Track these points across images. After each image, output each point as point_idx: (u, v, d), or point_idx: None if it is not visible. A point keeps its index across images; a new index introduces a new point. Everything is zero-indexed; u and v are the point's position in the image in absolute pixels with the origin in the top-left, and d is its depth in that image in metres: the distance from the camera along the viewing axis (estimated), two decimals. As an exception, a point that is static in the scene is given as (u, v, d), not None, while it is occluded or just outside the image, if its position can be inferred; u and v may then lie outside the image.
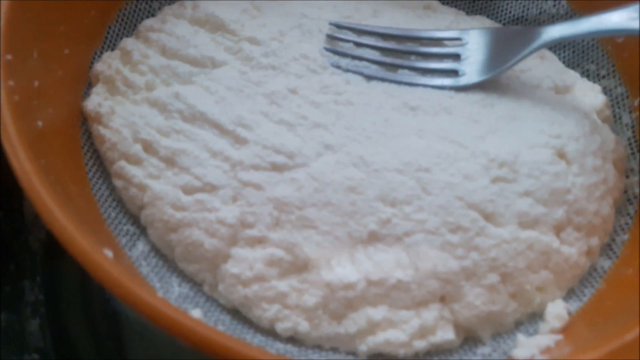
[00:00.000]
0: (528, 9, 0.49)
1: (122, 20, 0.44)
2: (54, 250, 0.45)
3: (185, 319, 0.26)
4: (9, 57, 0.31)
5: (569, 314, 0.36)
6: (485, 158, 0.37)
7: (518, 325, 0.36)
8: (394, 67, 0.43)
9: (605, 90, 0.45)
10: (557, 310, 0.35)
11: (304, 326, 0.34)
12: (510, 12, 0.50)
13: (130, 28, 0.44)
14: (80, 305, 0.44)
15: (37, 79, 0.34)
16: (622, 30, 0.38)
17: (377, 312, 0.34)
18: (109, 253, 0.30)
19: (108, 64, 0.41)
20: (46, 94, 0.35)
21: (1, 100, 0.29)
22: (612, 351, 0.30)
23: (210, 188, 0.37)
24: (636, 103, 0.43)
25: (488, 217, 0.36)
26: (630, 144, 0.43)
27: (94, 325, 0.44)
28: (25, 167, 0.28)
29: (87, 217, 0.34)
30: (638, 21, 0.37)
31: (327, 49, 0.43)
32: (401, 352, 0.34)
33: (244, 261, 0.35)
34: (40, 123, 0.33)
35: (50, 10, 0.37)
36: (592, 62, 0.46)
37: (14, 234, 0.42)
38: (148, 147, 0.38)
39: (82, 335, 0.44)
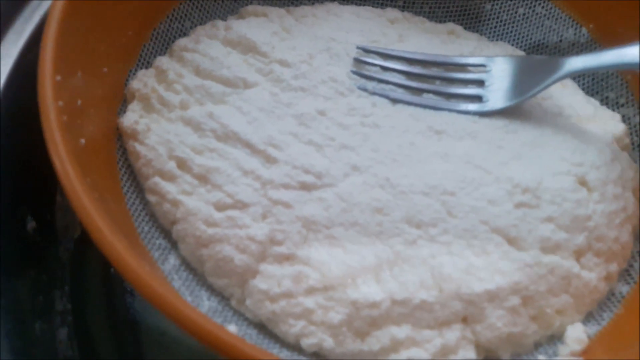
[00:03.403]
0: (549, 36, 0.50)
1: (156, 39, 0.45)
2: (81, 260, 0.46)
3: (227, 335, 0.27)
4: (58, 78, 0.32)
5: (588, 337, 0.37)
6: (509, 184, 0.38)
7: (537, 346, 0.37)
8: (419, 91, 0.44)
9: (624, 119, 0.45)
10: (576, 334, 0.36)
11: (328, 343, 0.35)
12: (531, 39, 0.50)
13: (163, 47, 0.45)
14: (104, 314, 0.46)
15: (80, 98, 0.35)
16: (642, 64, 0.39)
17: (401, 331, 0.35)
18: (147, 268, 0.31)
19: (144, 82, 0.42)
20: (87, 112, 0.36)
21: (52, 122, 0.30)
22: (631, 376, 0.31)
23: (242, 205, 0.37)
24: (654, 132, 0.44)
25: (511, 241, 0.37)
26: (647, 172, 0.43)
27: (116, 334, 0.45)
28: (75, 187, 0.28)
29: (126, 232, 0.35)
30: (656, 56, 0.38)
31: (354, 72, 0.44)
32: (424, 370, 0.34)
33: (272, 277, 0.36)
34: (83, 141, 0.34)
35: (93, 31, 0.38)
36: (612, 90, 0.47)
37: (46, 245, 0.43)
38: (182, 164, 0.39)
39: (105, 343, 0.45)
